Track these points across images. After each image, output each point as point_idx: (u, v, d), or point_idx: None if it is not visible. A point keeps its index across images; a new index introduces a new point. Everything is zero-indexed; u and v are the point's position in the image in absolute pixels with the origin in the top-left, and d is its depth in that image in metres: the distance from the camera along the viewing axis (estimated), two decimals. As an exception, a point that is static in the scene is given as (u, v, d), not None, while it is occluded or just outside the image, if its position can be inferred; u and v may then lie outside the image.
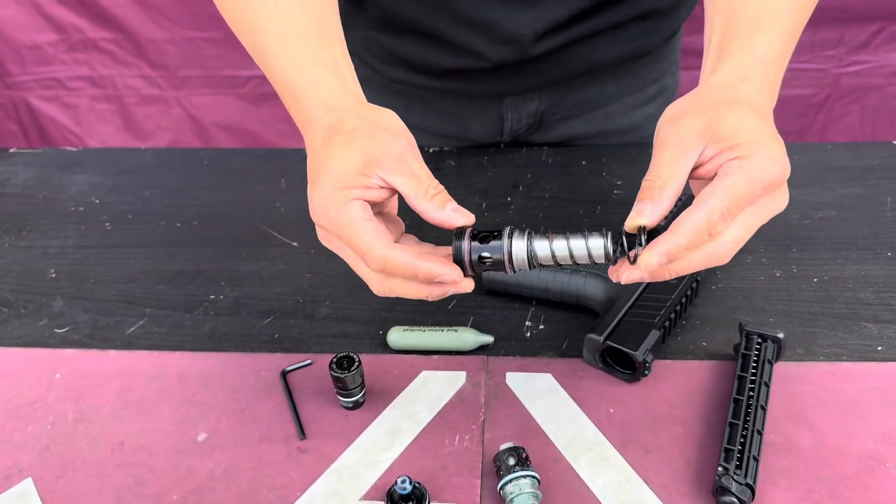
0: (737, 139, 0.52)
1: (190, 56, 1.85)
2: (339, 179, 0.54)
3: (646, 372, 0.66)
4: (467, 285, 0.55)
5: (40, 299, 0.80)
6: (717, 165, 0.53)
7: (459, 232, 0.54)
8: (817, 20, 1.63)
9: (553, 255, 0.54)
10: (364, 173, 0.54)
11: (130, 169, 0.98)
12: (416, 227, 0.60)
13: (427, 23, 0.85)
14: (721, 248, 0.53)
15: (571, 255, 0.54)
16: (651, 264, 0.51)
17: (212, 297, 0.79)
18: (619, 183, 0.91)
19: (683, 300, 0.71)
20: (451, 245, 0.55)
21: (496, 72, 0.89)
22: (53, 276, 0.83)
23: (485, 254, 0.54)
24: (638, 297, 0.70)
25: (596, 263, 0.54)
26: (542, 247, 0.54)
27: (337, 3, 0.67)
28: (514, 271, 0.55)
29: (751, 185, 0.52)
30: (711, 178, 0.53)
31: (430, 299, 0.56)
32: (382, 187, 0.55)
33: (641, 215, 0.53)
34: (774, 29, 0.60)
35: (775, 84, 0.60)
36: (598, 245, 0.53)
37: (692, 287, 0.72)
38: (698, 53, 0.64)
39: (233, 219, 0.89)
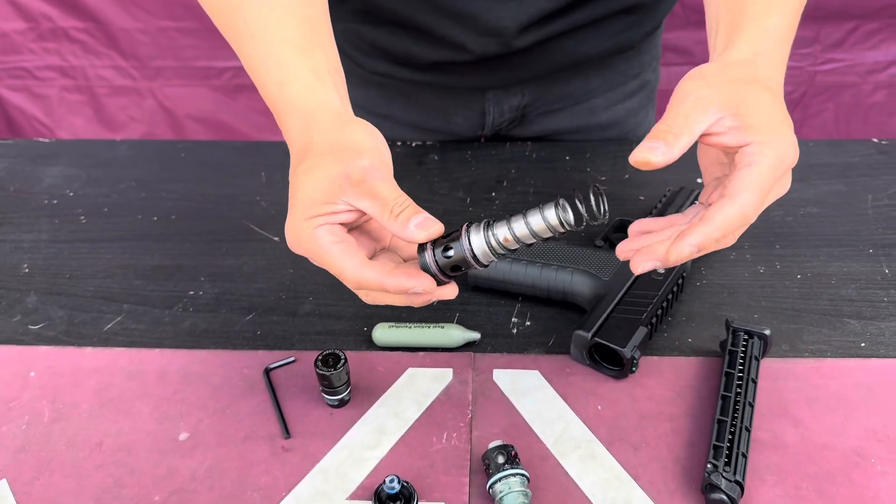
0: (757, 120, 0.52)
1: (163, 46, 1.82)
2: (306, 209, 0.55)
3: (633, 368, 0.66)
4: (448, 292, 0.55)
5: (13, 295, 0.78)
6: (731, 141, 0.53)
7: (421, 243, 0.54)
8: (793, 18, 1.66)
9: (515, 237, 0.53)
10: (329, 201, 0.54)
11: (105, 161, 0.96)
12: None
13: (409, 15, 0.84)
14: (735, 237, 0.55)
15: (532, 232, 0.52)
16: (682, 255, 0.52)
17: (191, 292, 0.78)
18: (603, 178, 0.90)
19: (670, 296, 0.71)
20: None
21: (479, 65, 0.88)
22: (27, 270, 0.81)
23: (448, 255, 0.53)
24: (625, 293, 0.70)
25: (560, 233, 0.53)
26: (502, 232, 0.53)
27: (327, 2, 0.66)
28: (485, 265, 0.54)
29: (775, 174, 0.52)
30: (716, 151, 0.57)
31: (416, 306, 0.57)
32: (350, 210, 0.55)
33: (652, 152, 0.51)
34: (784, 9, 0.61)
35: (784, 64, 0.60)
36: (551, 214, 0.52)
37: (678, 283, 0.72)
38: (677, 49, 0.65)
39: (212, 213, 0.88)
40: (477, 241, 0.53)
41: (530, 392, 0.67)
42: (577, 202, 0.52)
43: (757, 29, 0.59)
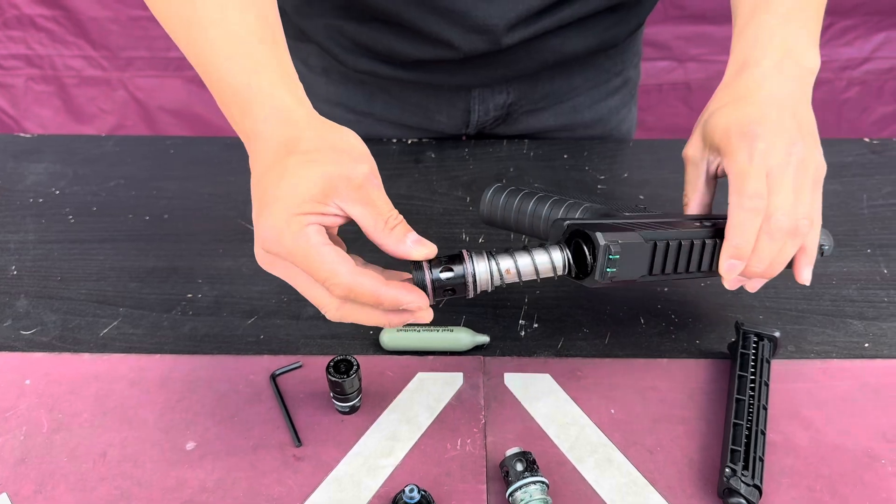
0: (718, 138, 0.63)
1: (135, 36, 1.77)
2: (295, 205, 0.51)
3: (609, 270, 0.55)
4: (427, 315, 0.54)
5: (2, 298, 0.75)
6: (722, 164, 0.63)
7: (416, 261, 0.54)
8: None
9: (517, 270, 0.55)
10: (322, 200, 0.51)
11: (92, 158, 0.93)
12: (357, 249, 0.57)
13: (396, 11, 0.82)
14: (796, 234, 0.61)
15: (535, 270, 0.55)
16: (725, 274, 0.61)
17: (189, 295, 0.76)
18: (602, 178, 0.90)
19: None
20: (406, 271, 0.55)
21: (465, 63, 0.87)
22: (15, 273, 0.78)
23: (447, 277, 0.53)
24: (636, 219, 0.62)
25: (558, 275, 0.56)
26: (505, 263, 0.55)
27: (277, 6, 0.63)
28: (476, 293, 0.54)
29: (743, 148, 0.61)
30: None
31: (386, 327, 0.56)
32: (338, 215, 0.52)
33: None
34: (770, 6, 0.66)
35: (780, 50, 0.65)
36: (559, 258, 0.56)
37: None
38: (655, 44, 0.67)
39: (206, 212, 0.86)
40: (481, 267, 0.54)
41: (543, 396, 0.66)
42: (587, 253, 0.56)
43: (740, 42, 0.66)
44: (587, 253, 0.56)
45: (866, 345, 0.71)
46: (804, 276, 0.63)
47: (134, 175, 0.91)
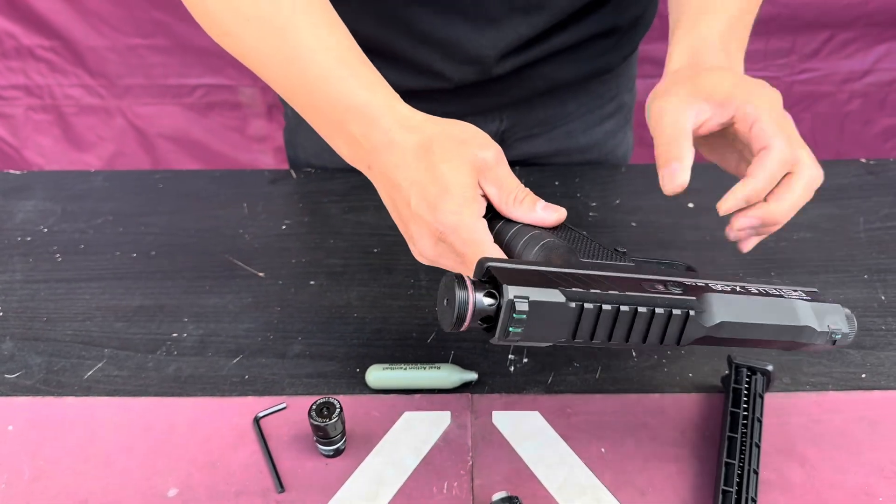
0: (726, 90, 0.60)
1: (132, 64, 1.77)
2: (464, 197, 0.56)
3: (511, 328, 0.47)
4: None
5: (-13, 341, 0.75)
6: (719, 119, 0.61)
7: (460, 278, 0.47)
8: (770, 29, 1.66)
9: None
10: (476, 187, 0.57)
11: (80, 193, 0.93)
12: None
13: (387, 42, 0.82)
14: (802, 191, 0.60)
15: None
16: (744, 224, 0.59)
17: (174, 335, 0.75)
18: (594, 205, 0.89)
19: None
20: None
21: (457, 92, 0.87)
22: (0, 314, 0.78)
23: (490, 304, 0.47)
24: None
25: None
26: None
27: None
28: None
29: (774, 114, 0.60)
30: (715, 134, 0.62)
31: None
32: (484, 196, 0.58)
33: (675, 175, 0.58)
34: (717, 15, 0.67)
35: (735, 55, 0.67)
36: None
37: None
38: (654, 61, 0.68)
39: (193, 248, 0.85)
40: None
41: (532, 435, 0.65)
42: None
43: (688, 39, 0.67)
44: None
45: (863, 375, 0.69)
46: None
47: (122, 210, 0.90)
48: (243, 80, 1.77)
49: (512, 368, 0.71)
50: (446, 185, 0.55)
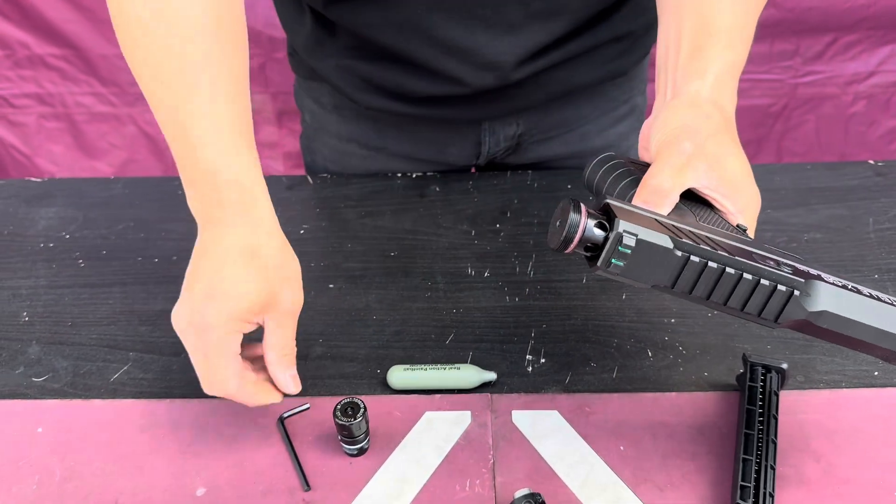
0: (733, 186, 0.58)
1: (143, 72, 1.79)
2: (238, 311, 0.59)
3: (613, 260, 0.49)
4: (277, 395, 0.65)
5: (14, 345, 0.76)
6: (709, 190, 0.58)
7: (576, 203, 0.50)
8: (774, 32, 1.68)
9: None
10: (258, 314, 0.60)
11: (101, 201, 0.94)
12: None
13: (406, 50, 0.84)
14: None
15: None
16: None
17: (198, 338, 0.76)
18: (607, 208, 0.90)
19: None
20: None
21: (475, 97, 0.88)
22: (26, 319, 0.79)
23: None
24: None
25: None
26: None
27: (247, 55, 0.68)
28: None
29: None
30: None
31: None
32: (258, 325, 0.62)
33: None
34: (744, 45, 0.64)
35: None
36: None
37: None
38: None
39: (214, 253, 0.86)
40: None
41: (551, 434, 0.66)
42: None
43: (719, 66, 0.62)
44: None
45: (876, 373, 0.71)
46: None
47: (143, 217, 0.91)
48: (252, 87, 1.79)
49: (530, 369, 0.72)
50: (227, 292, 0.59)
